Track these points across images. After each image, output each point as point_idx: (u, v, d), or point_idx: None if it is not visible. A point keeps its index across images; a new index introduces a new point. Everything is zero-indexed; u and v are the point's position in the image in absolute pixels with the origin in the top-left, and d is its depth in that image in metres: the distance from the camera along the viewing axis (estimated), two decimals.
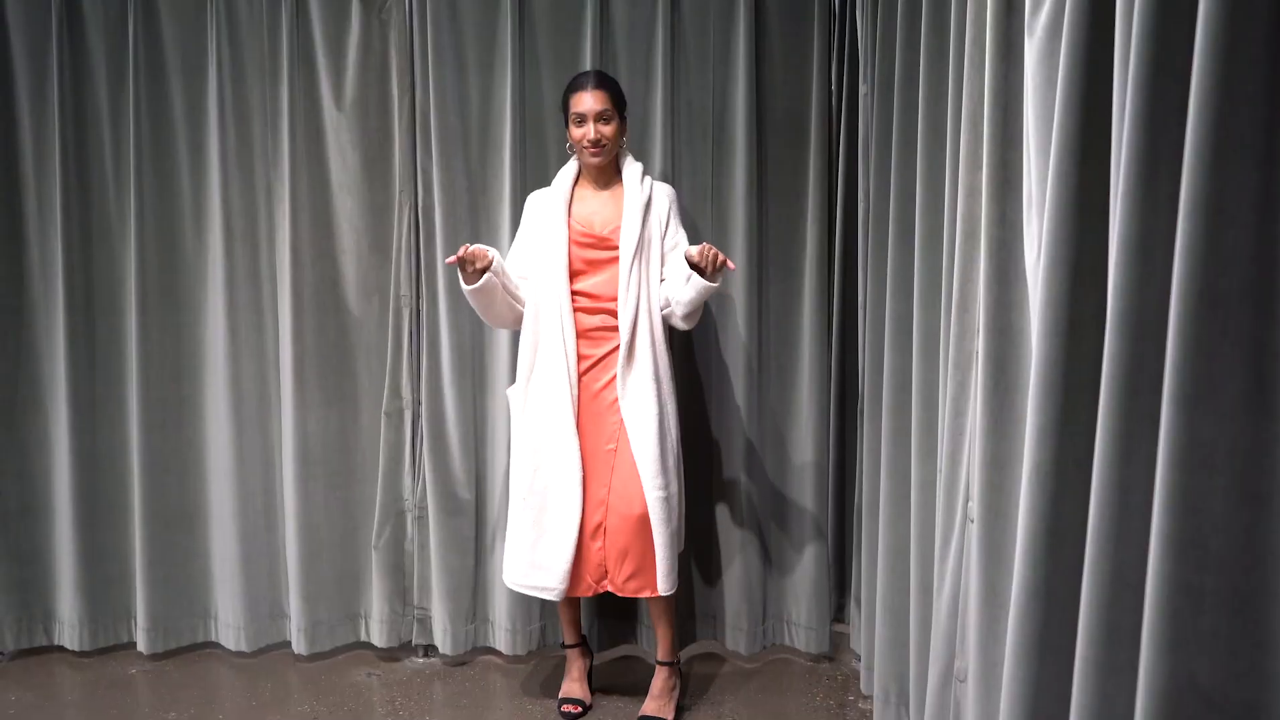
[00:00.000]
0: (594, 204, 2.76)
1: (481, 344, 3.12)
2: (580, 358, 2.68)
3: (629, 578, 2.64)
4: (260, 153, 3.11)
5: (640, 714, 2.79)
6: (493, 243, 3.08)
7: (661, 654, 2.83)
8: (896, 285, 2.52)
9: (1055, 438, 1.47)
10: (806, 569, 3.13)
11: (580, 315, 2.69)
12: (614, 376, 2.67)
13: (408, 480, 3.17)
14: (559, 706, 2.85)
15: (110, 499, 3.19)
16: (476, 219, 3.10)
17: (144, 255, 3.10)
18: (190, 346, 3.17)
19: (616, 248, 2.69)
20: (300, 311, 3.08)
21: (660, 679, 2.83)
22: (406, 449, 3.16)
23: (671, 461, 2.68)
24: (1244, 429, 1.08)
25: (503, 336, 3.06)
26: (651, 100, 3.04)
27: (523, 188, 3.03)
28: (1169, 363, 1.12)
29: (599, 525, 2.65)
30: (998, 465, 1.77)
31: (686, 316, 2.68)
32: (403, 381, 3.14)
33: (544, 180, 2.97)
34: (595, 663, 3.07)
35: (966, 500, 1.97)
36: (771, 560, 3.17)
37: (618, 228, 2.70)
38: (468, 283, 2.62)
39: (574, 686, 2.89)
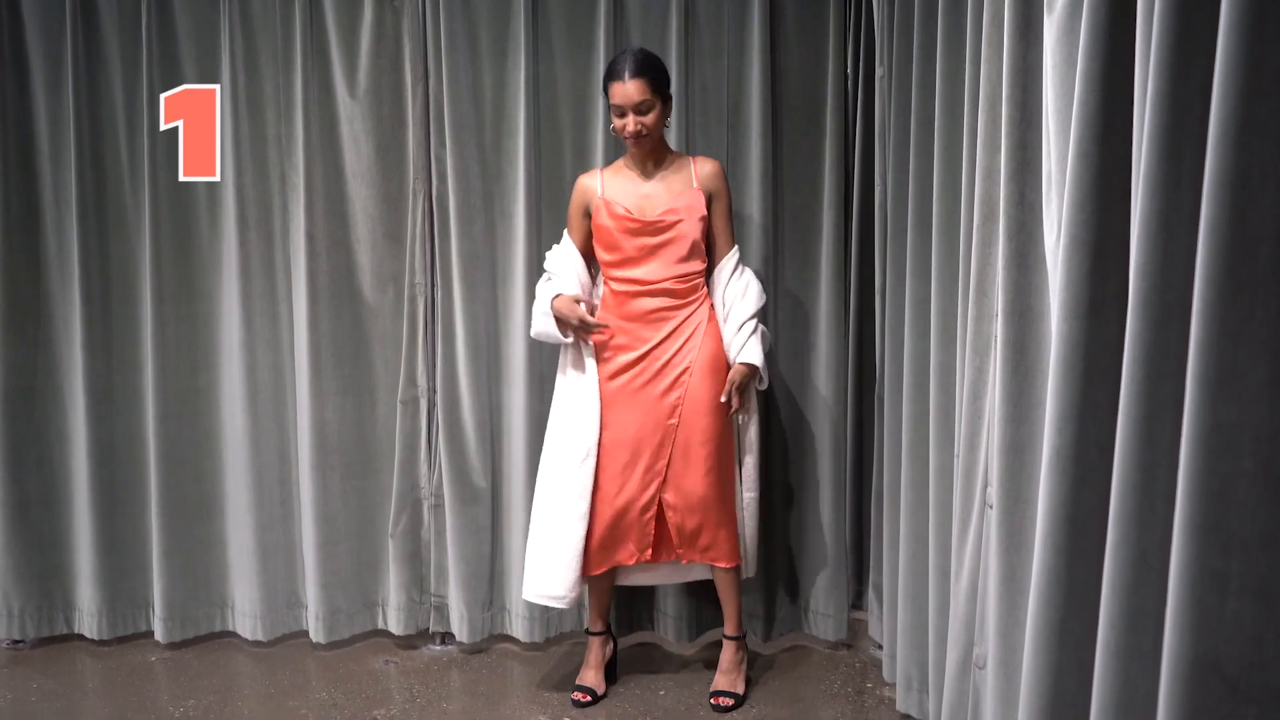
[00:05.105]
0: (647, 186, 2.78)
1: (496, 332, 3.12)
2: (638, 341, 2.75)
3: (705, 549, 2.77)
4: (274, 142, 3.11)
5: (711, 689, 2.84)
6: (508, 229, 3.08)
7: (728, 628, 2.88)
8: (914, 269, 2.50)
9: (1076, 422, 1.45)
10: (825, 556, 3.12)
11: (643, 299, 2.75)
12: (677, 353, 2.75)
13: (424, 469, 3.17)
14: (572, 693, 2.86)
15: (128, 489, 3.20)
16: (490, 206, 3.09)
17: (159, 245, 3.10)
18: (206, 336, 3.18)
19: (668, 231, 2.72)
20: (315, 300, 3.09)
21: (728, 653, 2.87)
22: (422, 437, 3.16)
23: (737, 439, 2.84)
24: (1270, 413, 1.07)
25: (518, 325, 3.05)
26: None
27: (537, 174, 3.02)
28: (1193, 345, 1.10)
29: (652, 499, 2.73)
30: (1017, 450, 1.76)
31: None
32: (418, 370, 3.14)
33: (558, 167, 2.98)
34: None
35: (985, 485, 1.96)
36: (789, 547, 3.16)
37: (670, 209, 2.73)
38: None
39: (590, 674, 2.89)
